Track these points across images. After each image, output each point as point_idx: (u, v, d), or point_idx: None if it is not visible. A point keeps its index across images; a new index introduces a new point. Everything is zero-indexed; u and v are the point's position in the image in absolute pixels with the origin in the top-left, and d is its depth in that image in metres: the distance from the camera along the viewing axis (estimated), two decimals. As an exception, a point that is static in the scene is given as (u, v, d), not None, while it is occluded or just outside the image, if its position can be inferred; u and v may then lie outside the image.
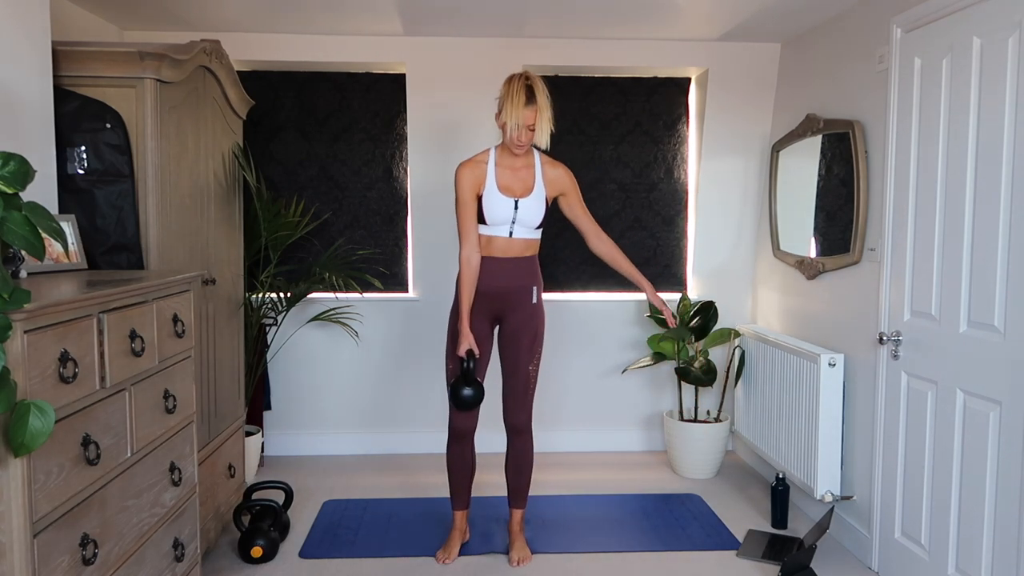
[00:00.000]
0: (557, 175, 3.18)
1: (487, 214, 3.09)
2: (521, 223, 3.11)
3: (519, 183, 3.12)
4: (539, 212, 3.13)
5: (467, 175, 3.09)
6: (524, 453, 3.21)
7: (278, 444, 4.54)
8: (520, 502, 3.26)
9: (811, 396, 3.45)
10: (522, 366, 3.18)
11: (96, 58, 2.61)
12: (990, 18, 2.49)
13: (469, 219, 3.10)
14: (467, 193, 3.09)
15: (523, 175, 3.14)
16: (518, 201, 3.10)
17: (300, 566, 3.16)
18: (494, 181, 3.10)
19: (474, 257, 3.09)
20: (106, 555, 1.94)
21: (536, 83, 3.02)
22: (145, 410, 2.14)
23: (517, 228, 3.12)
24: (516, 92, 2.99)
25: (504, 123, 3.04)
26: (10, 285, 1.52)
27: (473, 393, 3.04)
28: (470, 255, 3.09)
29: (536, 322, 3.20)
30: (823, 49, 3.76)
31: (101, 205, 2.64)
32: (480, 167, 3.11)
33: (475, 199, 3.11)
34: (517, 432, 3.19)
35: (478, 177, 3.10)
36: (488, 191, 3.09)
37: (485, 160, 3.13)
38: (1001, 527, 2.45)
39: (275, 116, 4.45)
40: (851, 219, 3.34)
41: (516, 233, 3.13)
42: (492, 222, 3.10)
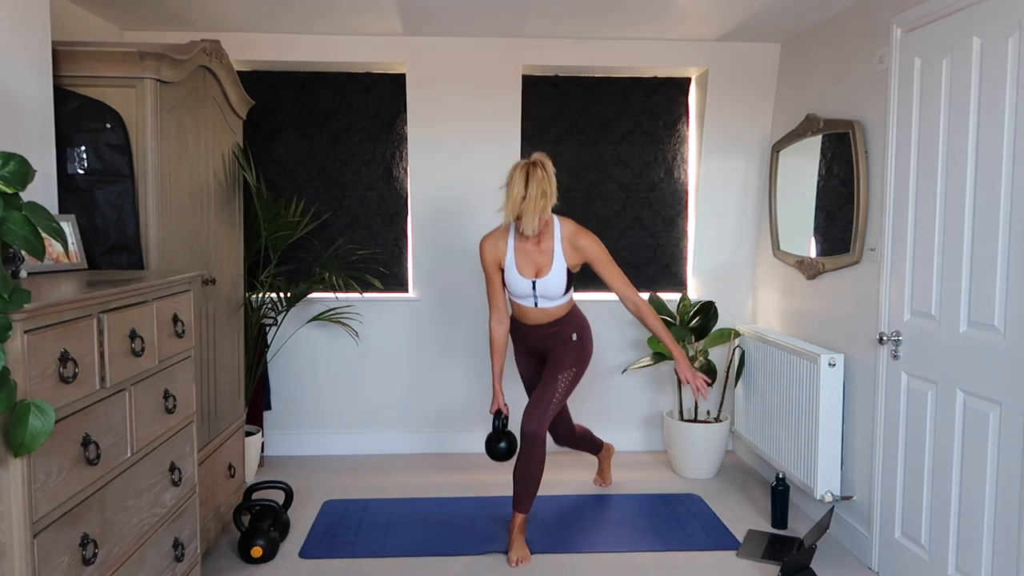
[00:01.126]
0: (580, 246, 3.24)
1: (509, 288, 3.29)
2: (543, 296, 3.27)
3: (534, 265, 3.24)
4: (559, 286, 3.24)
5: (488, 251, 3.28)
6: (533, 461, 3.20)
7: (278, 444, 4.54)
8: (522, 507, 3.26)
9: (811, 396, 3.45)
10: (556, 374, 3.28)
11: (96, 58, 2.61)
12: (990, 18, 2.49)
13: (493, 291, 3.33)
14: (490, 268, 3.29)
15: (539, 255, 3.24)
16: (535, 282, 3.23)
17: (300, 566, 3.16)
18: (512, 260, 3.24)
19: (498, 328, 3.35)
20: (106, 555, 1.94)
21: (534, 168, 3.07)
22: (145, 410, 2.14)
23: (540, 300, 3.28)
24: (516, 181, 3.08)
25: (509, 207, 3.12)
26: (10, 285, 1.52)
27: (507, 447, 3.30)
28: (493, 326, 3.35)
29: (579, 351, 3.34)
30: (823, 49, 3.76)
31: (101, 205, 2.64)
32: (500, 243, 3.26)
33: (498, 272, 3.29)
34: (529, 439, 3.19)
35: (498, 253, 3.27)
36: (508, 268, 3.25)
37: (505, 236, 3.27)
38: (1001, 527, 2.45)
39: (275, 116, 4.45)
40: (851, 219, 3.34)
41: (540, 304, 3.29)
42: (515, 295, 3.30)
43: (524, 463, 3.21)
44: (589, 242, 3.24)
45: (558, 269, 3.21)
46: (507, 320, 3.36)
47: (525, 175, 3.07)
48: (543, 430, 3.18)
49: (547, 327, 3.34)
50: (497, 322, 3.35)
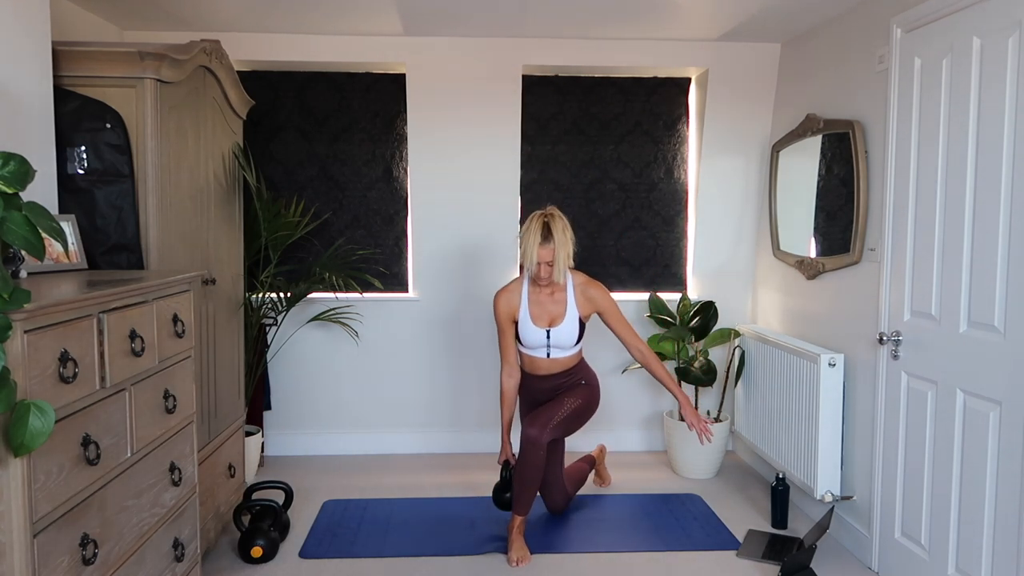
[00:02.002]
0: (591, 297, 3.39)
1: (522, 339, 3.38)
2: (556, 346, 3.36)
3: (548, 315, 3.36)
4: (572, 336, 3.35)
5: (502, 305, 3.39)
6: (531, 464, 3.20)
7: (278, 444, 4.54)
8: (521, 509, 3.25)
9: (811, 396, 3.45)
10: (564, 397, 3.36)
11: (96, 58, 2.61)
12: (990, 18, 2.49)
13: (506, 345, 3.43)
14: (503, 321, 3.40)
15: (553, 305, 3.36)
16: (549, 331, 3.33)
17: (300, 566, 3.16)
18: (527, 312, 3.35)
19: (508, 381, 3.44)
20: (106, 555, 1.94)
21: (554, 220, 3.23)
22: (145, 410, 2.14)
23: (553, 351, 3.37)
24: (534, 230, 3.22)
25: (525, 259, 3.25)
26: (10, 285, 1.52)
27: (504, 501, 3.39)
28: (506, 378, 3.44)
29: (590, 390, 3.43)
30: (823, 49, 3.76)
31: (101, 205, 2.64)
32: (514, 297, 3.38)
33: (511, 325, 3.39)
34: (530, 442, 3.19)
35: (512, 306, 3.38)
36: (522, 319, 3.36)
37: (519, 290, 3.39)
38: (1001, 527, 2.45)
39: (275, 116, 4.44)
40: (851, 219, 3.34)
41: (553, 355, 3.38)
42: (528, 347, 3.38)
43: (523, 467, 3.21)
44: (600, 292, 3.41)
45: (571, 318, 3.34)
46: (518, 373, 3.46)
47: (544, 223, 3.23)
48: (544, 437, 3.19)
49: (557, 377, 3.43)
50: (508, 375, 3.44)
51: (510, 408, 3.46)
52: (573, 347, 3.40)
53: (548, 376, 3.43)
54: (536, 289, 3.37)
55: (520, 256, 3.29)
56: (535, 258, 3.22)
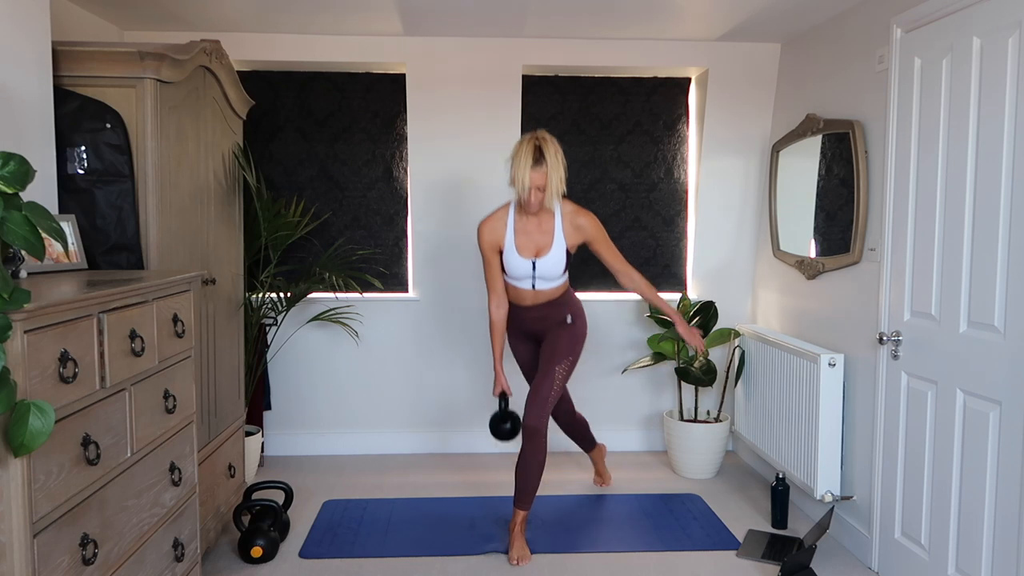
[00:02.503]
0: (581, 225, 3.28)
1: (508, 270, 3.28)
2: (542, 278, 3.28)
3: (535, 245, 3.25)
4: (559, 266, 3.26)
5: (486, 235, 3.26)
6: (535, 456, 3.21)
7: (278, 444, 4.54)
8: (523, 503, 3.26)
9: (811, 396, 3.45)
10: (552, 365, 3.29)
11: (96, 58, 2.61)
12: (990, 18, 2.49)
13: (493, 275, 3.31)
14: (488, 252, 3.28)
15: (540, 235, 3.25)
16: (535, 262, 3.24)
17: (300, 566, 3.16)
18: (512, 241, 3.24)
19: (497, 311, 3.35)
20: (106, 555, 1.94)
21: (546, 144, 3.10)
22: (145, 410, 2.14)
23: (539, 282, 3.29)
24: (524, 153, 3.09)
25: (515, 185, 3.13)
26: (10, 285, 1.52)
27: (511, 428, 3.35)
28: (493, 310, 3.35)
29: (576, 332, 3.36)
30: (823, 49, 3.76)
31: (101, 205, 2.64)
32: (499, 224, 3.26)
33: (496, 255, 3.28)
34: (530, 433, 3.20)
35: (497, 235, 3.26)
36: (507, 250, 3.25)
37: (504, 218, 3.26)
38: (1001, 527, 2.45)
39: (275, 116, 4.45)
40: (851, 219, 3.34)
41: (539, 286, 3.30)
42: (513, 277, 3.29)
43: (526, 458, 3.22)
44: (589, 221, 3.28)
45: (558, 248, 3.24)
46: (506, 303, 3.37)
47: (535, 146, 3.09)
48: (544, 424, 3.19)
49: (543, 308, 3.35)
50: (496, 306, 3.35)
51: (500, 338, 3.37)
52: (559, 278, 3.30)
53: (533, 306, 3.36)
54: (523, 218, 3.24)
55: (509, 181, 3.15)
56: (527, 183, 3.08)
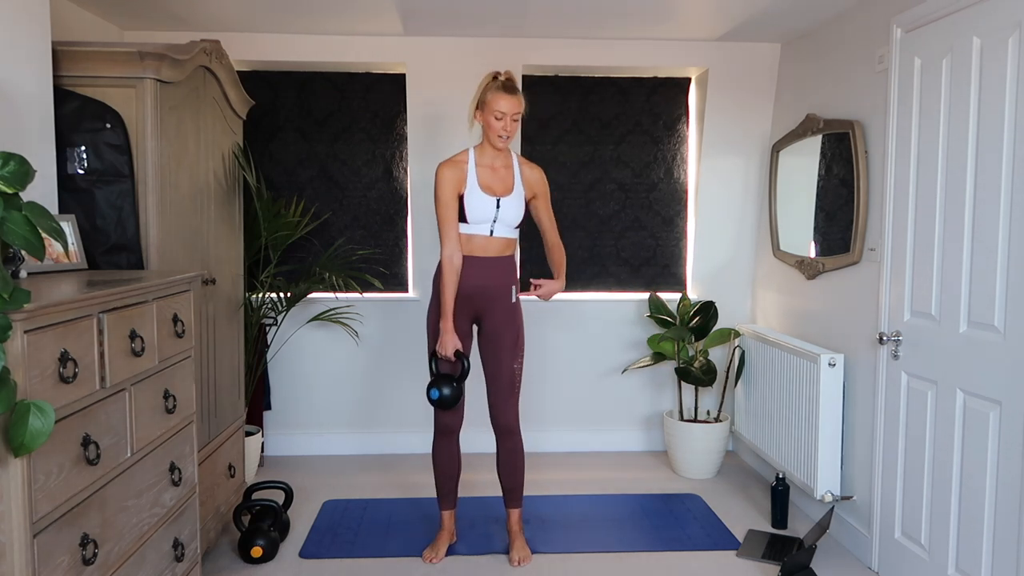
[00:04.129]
0: (534, 177, 3.25)
1: (468, 213, 3.11)
2: (502, 221, 3.15)
3: (500, 182, 3.17)
4: (519, 211, 3.18)
5: (448, 175, 3.11)
6: (515, 452, 3.21)
7: (278, 444, 4.53)
8: (516, 502, 3.25)
9: (811, 396, 3.45)
10: (506, 365, 3.19)
11: (96, 58, 2.61)
12: (990, 18, 2.49)
13: (451, 219, 3.11)
14: (448, 193, 3.10)
15: (503, 175, 3.19)
16: (500, 200, 3.13)
17: (300, 566, 3.16)
18: (475, 180, 3.13)
19: (456, 256, 3.10)
20: (106, 555, 1.94)
21: (514, 78, 3.15)
22: (145, 410, 2.14)
23: (498, 227, 3.15)
24: (494, 83, 3.09)
25: (487, 115, 3.08)
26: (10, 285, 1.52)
27: (452, 393, 3.06)
28: (452, 254, 3.10)
29: (517, 321, 3.24)
30: (823, 49, 3.76)
31: (101, 205, 2.64)
32: (461, 166, 3.14)
33: (456, 198, 3.12)
34: (506, 432, 3.19)
35: (459, 176, 3.12)
36: (469, 190, 3.11)
37: (465, 160, 3.16)
38: (1001, 527, 2.45)
39: (275, 116, 4.44)
40: (851, 219, 3.34)
41: (496, 232, 3.16)
42: (473, 220, 3.12)
43: (508, 457, 3.21)
44: (541, 175, 3.27)
45: (518, 192, 3.18)
46: (461, 254, 3.12)
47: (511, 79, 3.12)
48: (516, 419, 3.18)
49: (495, 262, 3.17)
50: (454, 251, 3.10)
51: (453, 288, 3.09)
52: (515, 228, 3.20)
53: (486, 259, 3.15)
54: (485, 160, 3.16)
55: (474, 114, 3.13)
56: (503, 108, 3.04)
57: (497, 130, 3.08)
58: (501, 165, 3.18)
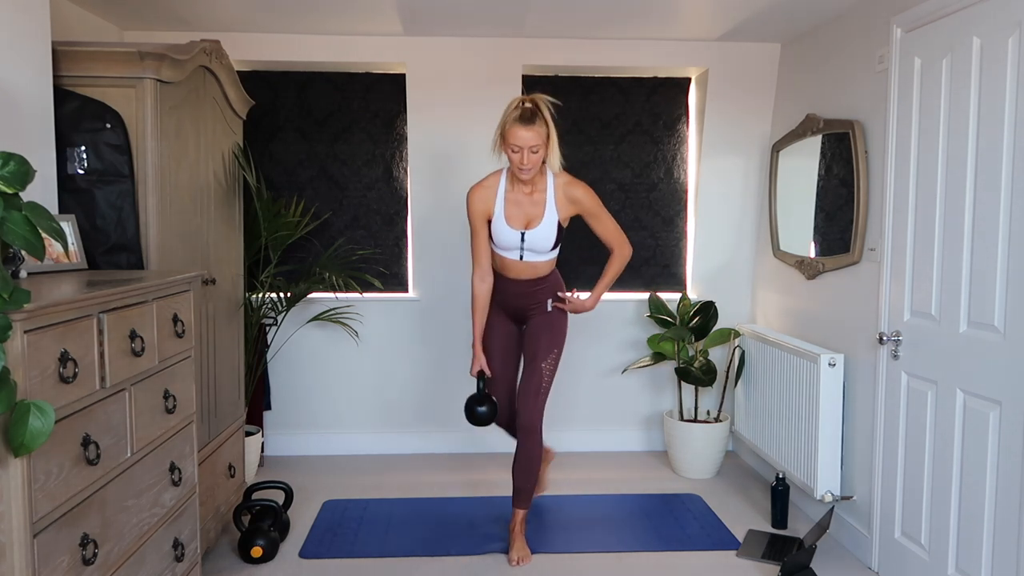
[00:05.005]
0: (575, 196, 3.14)
1: (496, 240, 3.16)
2: (530, 250, 3.15)
3: (525, 215, 3.12)
4: (549, 239, 3.13)
5: (477, 202, 3.12)
6: (531, 453, 3.20)
7: (278, 444, 4.53)
8: (522, 503, 3.25)
9: (811, 396, 3.45)
10: (538, 362, 3.21)
11: (96, 58, 2.61)
12: (990, 18, 2.49)
13: (479, 245, 3.17)
14: (477, 219, 3.14)
15: (531, 206, 3.11)
16: (524, 233, 3.11)
17: (300, 566, 3.16)
18: (502, 210, 3.11)
19: (481, 285, 3.19)
20: (106, 555, 1.94)
21: (540, 104, 3.00)
22: (145, 410, 2.14)
23: (527, 254, 3.16)
24: (512, 112, 2.98)
25: (506, 148, 3.00)
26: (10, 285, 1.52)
27: (488, 411, 3.19)
28: (478, 282, 3.19)
29: (555, 326, 3.26)
30: (823, 49, 3.76)
31: (101, 205, 2.64)
32: (489, 193, 3.12)
33: (485, 224, 3.15)
34: (525, 431, 3.18)
35: (487, 203, 3.12)
36: (496, 218, 3.12)
37: (495, 186, 3.13)
38: (1001, 527, 2.45)
39: (275, 116, 4.44)
40: (851, 219, 3.34)
41: (527, 257, 3.17)
42: (500, 247, 3.17)
43: (524, 456, 3.20)
44: (584, 193, 3.14)
45: (549, 221, 3.10)
46: (490, 278, 3.21)
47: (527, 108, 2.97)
48: (539, 420, 3.18)
49: (528, 284, 3.21)
50: (480, 279, 3.19)
51: (482, 315, 3.21)
52: (549, 252, 3.17)
53: (519, 280, 3.20)
54: (514, 186, 3.10)
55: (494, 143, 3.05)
56: (518, 142, 2.93)
57: (516, 163, 3.00)
58: (527, 197, 3.11)
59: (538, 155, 2.98)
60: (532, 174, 3.03)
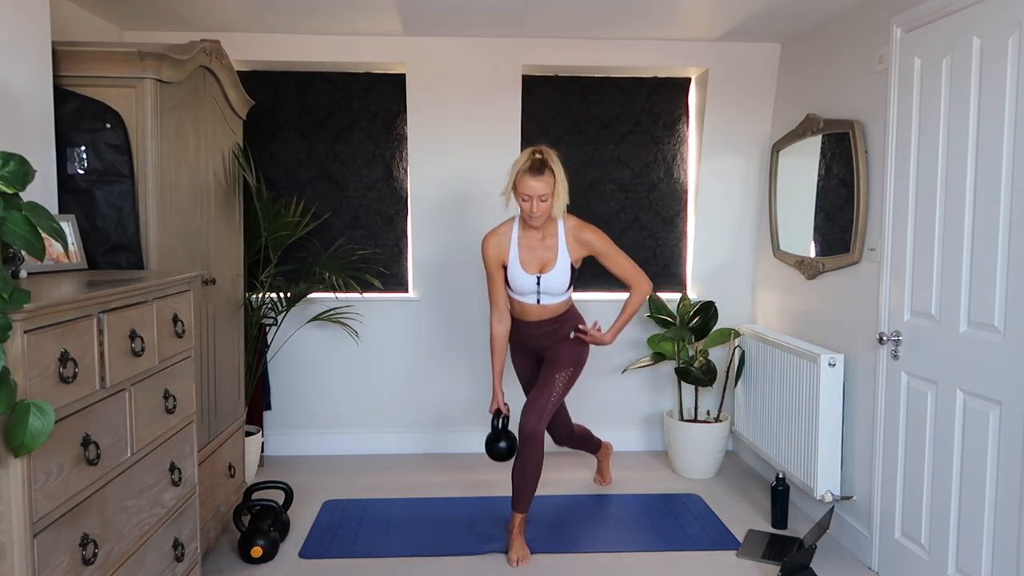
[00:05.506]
0: (585, 239, 3.29)
1: (512, 285, 3.30)
2: (546, 293, 3.28)
3: (539, 260, 3.27)
4: (564, 282, 3.27)
5: (491, 249, 3.28)
6: (531, 459, 3.20)
7: (278, 444, 4.54)
8: (521, 507, 3.25)
9: (811, 396, 3.45)
10: (553, 374, 3.31)
11: (96, 58, 2.61)
12: (990, 18, 2.49)
13: (496, 289, 3.34)
14: (492, 266, 3.29)
15: (544, 251, 3.26)
16: (540, 277, 3.25)
17: (300, 566, 3.16)
18: (516, 257, 3.26)
19: (499, 327, 3.36)
20: (106, 555, 1.94)
21: (548, 155, 3.15)
22: (145, 410, 2.14)
23: (543, 297, 3.29)
24: (524, 164, 3.12)
25: (517, 197, 3.15)
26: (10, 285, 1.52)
27: (507, 447, 3.32)
28: (496, 324, 3.36)
29: (577, 347, 3.37)
30: (823, 49, 3.76)
31: (101, 205, 2.64)
32: (503, 240, 3.27)
33: (500, 270, 3.30)
34: (527, 437, 3.19)
35: (501, 249, 3.28)
36: (511, 264, 3.27)
37: (508, 233, 3.28)
38: (1001, 527, 2.45)
39: (275, 116, 4.44)
40: (851, 219, 3.34)
41: (543, 300, 3.30)
42: (517, 292, 3.31)
43: (523, 462, 3.21)
44: (594, 235, 3.28)
45: (562, 265, 3.25)
46: (508, 319, 3.38)
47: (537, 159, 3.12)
48: (541, 428, 3.19)
49: (546, 324, 3.36)
50: (498, 321, 3.36)
51: (501, 355, 3.38)
52: (563, 293, 3.31)
53: (538, 322, 3.36)
54: (527, 233, 3.26)
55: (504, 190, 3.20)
56: (527, 192, 3.09)
57: (526, 211, 3.16)
58: (539, 242, 3.26)
59: (547, 203, 3.14)
60: (541, 221, 3.19)
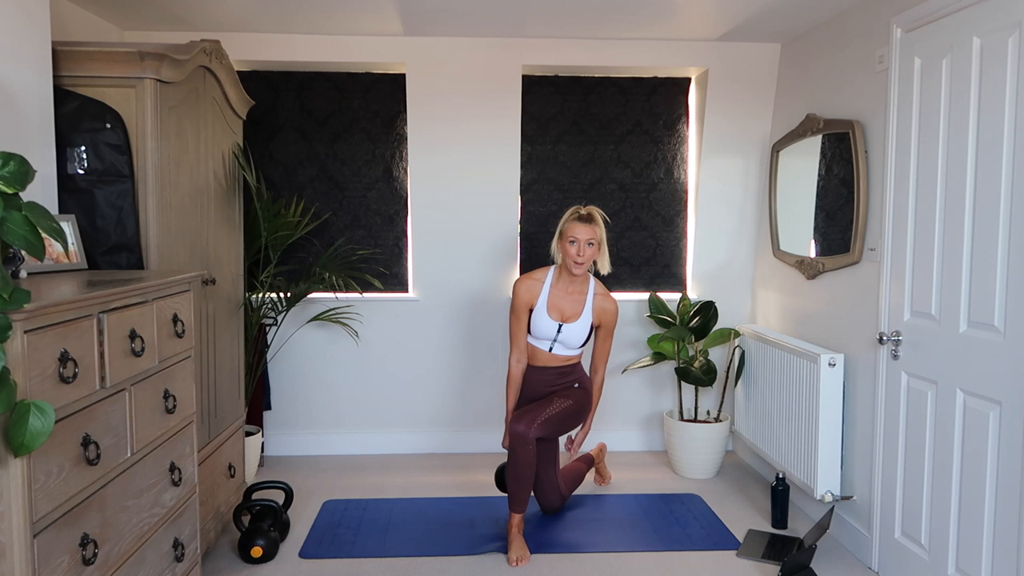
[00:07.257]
0: (605, 309, 3.48)
1: (532, 328, 3.44)
2: (562, 343, 3.43)
3: (567, 308, 3.42)
4: (582, 336, 3.43)
5: (523, 291, 3.46)
6: (521, 459, 3.21)
7: (278, 444, 4.54)
8: (518, 507, 3.26)
9: (811, 396, 3.45)
10: (554, 398, 3.40)
11: (96, 58, 2.61)
12: (990, 18, 2.49)
13: (519, 329, 3.49)
14: (521, 308, 3.46)
15: (571, 304, 3.43)
16: (562, 325, 3.39)
17: (300, 566, 3.16)
18: (545, 301, 3.42)
19: (517, 366, 3.49)
20: (106, 555, 1.94)
21: (594, 211, 3.39)
22: (145, 410, 2.14)
23: (557, 347, 3.44)
24: (572, 214, 3.36)
25: (563, 243, 3.34)
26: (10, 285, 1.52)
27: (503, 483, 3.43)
28: (515, 363, 3.49)
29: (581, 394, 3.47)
30: (823, 49, 3.76)
31: (101, 205, 2.64)
32: (536, 285, 3.45)
33: (526, 312, 3.45)
34: (516, 438, 3.20)
35: (532, 293, 3.45)
36: (538, 308, 3.42)
37: (543, 279, 3.46)
38: (1001, 527, 2.45)
39: (275, 116, 4.44)
40: (851, 219, 3.34)
41: (556, 350, 3.45)
42: (535, 336, 3.45)
43: (514, 463, 3.23)
44: (613, 310, 3.49)
45: (585, 320, 3.44)
46: (526, 360, 3.51)
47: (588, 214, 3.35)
48: (531, 432, 3.20)
49: (552, 371, 3.49)
50: (517, 360, 3.49)
51: (516, 392, 3.51)
52: (577, 349, 3.48)
53: (545, 368, 3.49)
54: (560, 284, 3.44)
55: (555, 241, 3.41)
56: (576, 234, 3.29)
57: (572, 255, 3.32)
58: (575, 291, 3.43)
59: (592, 249, 3.33)
60: (584, 268, 3.36)
